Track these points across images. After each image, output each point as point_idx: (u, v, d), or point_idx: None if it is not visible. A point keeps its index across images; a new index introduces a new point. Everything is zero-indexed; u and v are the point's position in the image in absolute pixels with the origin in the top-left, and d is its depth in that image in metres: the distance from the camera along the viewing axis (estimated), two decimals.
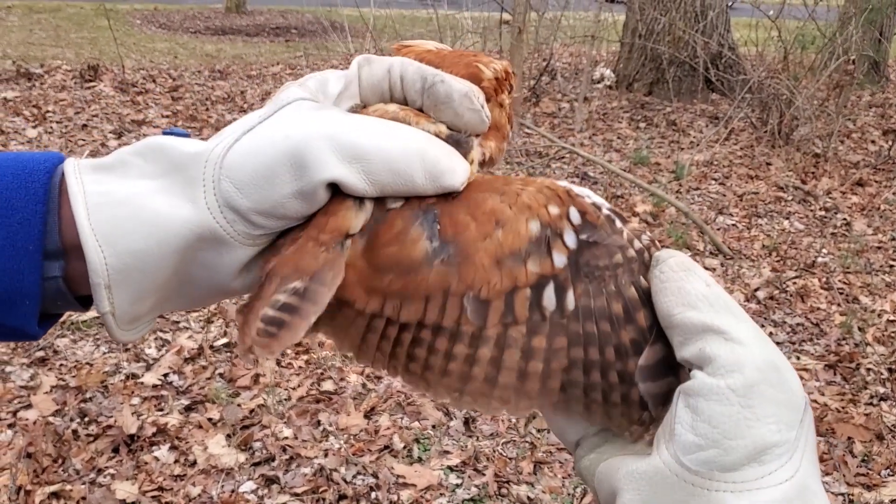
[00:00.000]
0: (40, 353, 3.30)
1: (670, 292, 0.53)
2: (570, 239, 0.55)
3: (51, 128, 6.43)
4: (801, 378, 3.52)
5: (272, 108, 0.58)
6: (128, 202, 0.53)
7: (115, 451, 2.75)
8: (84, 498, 2.52)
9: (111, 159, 0.56)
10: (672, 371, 0.54)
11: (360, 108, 0.62)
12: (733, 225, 5.47)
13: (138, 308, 0.56)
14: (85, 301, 0.57)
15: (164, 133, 0.59)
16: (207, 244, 0.55)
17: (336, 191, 0.55)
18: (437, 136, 0.59)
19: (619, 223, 0.57)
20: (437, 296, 0.54)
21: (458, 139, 0.60)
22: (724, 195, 6.04)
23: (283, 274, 0.55)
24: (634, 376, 0.54)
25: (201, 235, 0.54)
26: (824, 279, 4.60)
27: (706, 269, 4.84)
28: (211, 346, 3.44)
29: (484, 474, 2.77)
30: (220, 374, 3.26)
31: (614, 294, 0.54)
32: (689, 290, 0.52)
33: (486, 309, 0.53)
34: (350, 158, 0.54)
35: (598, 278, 0.54)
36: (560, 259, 0.54)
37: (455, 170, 0.57)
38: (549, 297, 0.54)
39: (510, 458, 2.88)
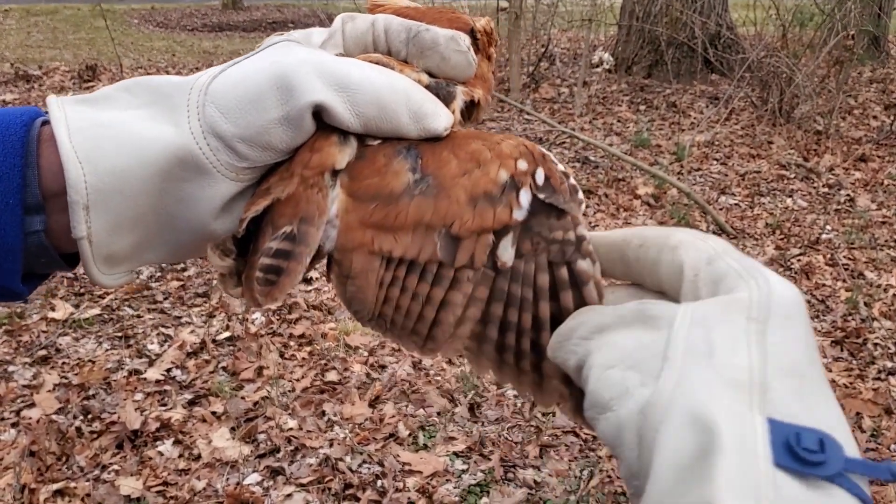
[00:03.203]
0: (42, 352, 3.29)
1: None
2: (525, 198, 0.55)
3: None
4: None
5: (258, 49, 0.58)
6: (110, 125, 0.53)
7: (119, 447, 2.75)
8: (88, 495, 2.51)
9: (96, 94, 0.56)
10: None
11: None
12: (736, 204, 5.44)
13: (116, 242, 0.54)
14: (70, 260, 0.56)
15: None
16: (189, 173, 0.54)
17: (321, 127, 0.55)
18: (419, 83, 0.59)
19: (580, 195, 0.57)
20: (416, 228, 0.54)
21: (438, 91, 0.60)
22: (726, 175, 6.00)
23: (275, 221, 0.55)
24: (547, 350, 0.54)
25: (183, 160, 0.53)
26: (829, 255, 4.57)
27: None
28: (213, 340, 3.43)
29: (490, 459, 2.76)
30: (223, 368, 3.25)
31: (544, 266, 0.54)
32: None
33: (455, 247, 0.53)
34: (337, 87, 0.54)
35: (536, 245, 0.54)
36: (518, 213, 0.54)
37: (439, 114, 0.57)
38: (504, 246, 0.54)
39: (516, 443, 2.86)
